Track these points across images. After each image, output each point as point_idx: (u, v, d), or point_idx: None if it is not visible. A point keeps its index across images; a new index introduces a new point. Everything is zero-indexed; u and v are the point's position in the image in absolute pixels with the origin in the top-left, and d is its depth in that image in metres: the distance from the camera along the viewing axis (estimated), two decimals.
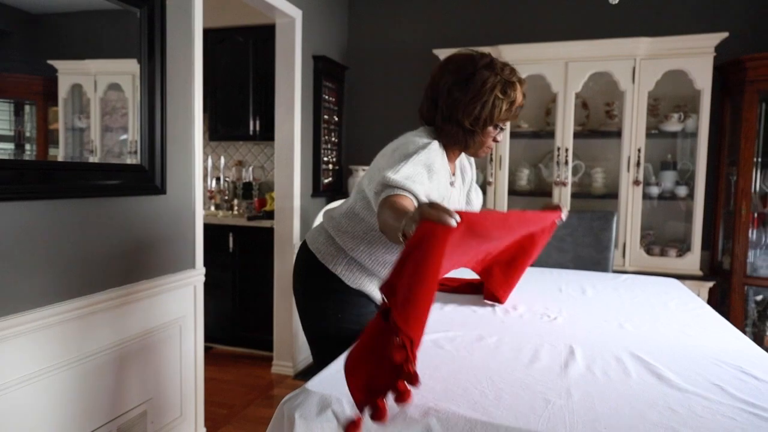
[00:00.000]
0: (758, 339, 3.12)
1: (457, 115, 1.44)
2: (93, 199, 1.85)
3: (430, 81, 1.53)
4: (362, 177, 1.56)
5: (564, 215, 1.73)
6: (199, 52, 2.31)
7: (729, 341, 1.49)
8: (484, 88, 1.40)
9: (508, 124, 1.66)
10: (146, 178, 2.07)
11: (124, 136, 2.06)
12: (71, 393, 1.77)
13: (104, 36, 1.96)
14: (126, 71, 2.05)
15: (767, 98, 2.96)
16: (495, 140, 1.53)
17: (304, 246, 1.67)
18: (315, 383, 1.13)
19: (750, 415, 1.00)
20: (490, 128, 1.47)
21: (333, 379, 1.16)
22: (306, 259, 1.63)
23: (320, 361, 1.58)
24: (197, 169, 2.32)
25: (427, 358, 1.29)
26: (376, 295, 1.58)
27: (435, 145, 1.42)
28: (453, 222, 0.93)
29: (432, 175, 1.37)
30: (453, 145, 1.53)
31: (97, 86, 1.98)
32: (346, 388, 1.09)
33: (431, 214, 0.94)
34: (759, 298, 3.11)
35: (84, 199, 1.81)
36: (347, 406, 1.05)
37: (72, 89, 1.89)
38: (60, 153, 1.84)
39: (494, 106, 1.42)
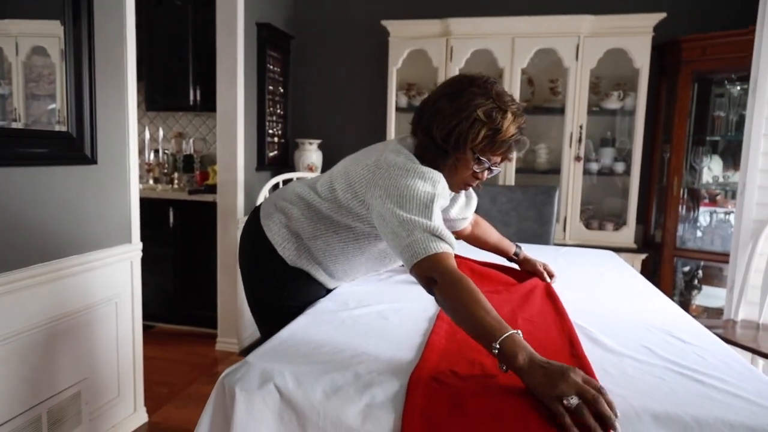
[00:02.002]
0: (685, 306, 3.31)
1: (433, 126, 1.30)
2: (13, 168, 1.71)
3: (427, 96, 1.40)
4: (333, 177, 1.43)
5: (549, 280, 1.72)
6: (131, 13, 2.17)
7: (658, 308, 1.57)
8: (469, 104, 1.26)
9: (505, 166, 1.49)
10: (75, 146, 1.94)
11: (52, 105, 1.91)
12: None
13: None
14: (51, 34, 1.90)
15: (701, 78, 3.10)
16: (476, 176, 1.36)
17: (255, 218, 1.56)
18: (257, 356, 1.10)
19: (677, 375, 1.06)
20: (468, 157, 1.30)
21: (275, 352, 1.13)
22: (255, 232, 1.54)
23: (266, 334, 1.54)
24: (131, 138, 2.20)
25: (371, 329, 1.29)
26: (317, 275, 1.54)
27: (444, 181, 1.30)
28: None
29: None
30: (430, 162, 1.33)
31: (19, 49, 1.82)
32: (289, 360, 1.08)
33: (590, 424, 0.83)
34: (686, 269, 3.30)
35: (3, 168, 1.68)
36: (290, 380, 1.03)
37: None
38: None
39: (472, 126, 1.26)
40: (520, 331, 1.01)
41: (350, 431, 0.97)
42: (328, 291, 1.61)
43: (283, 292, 1.52)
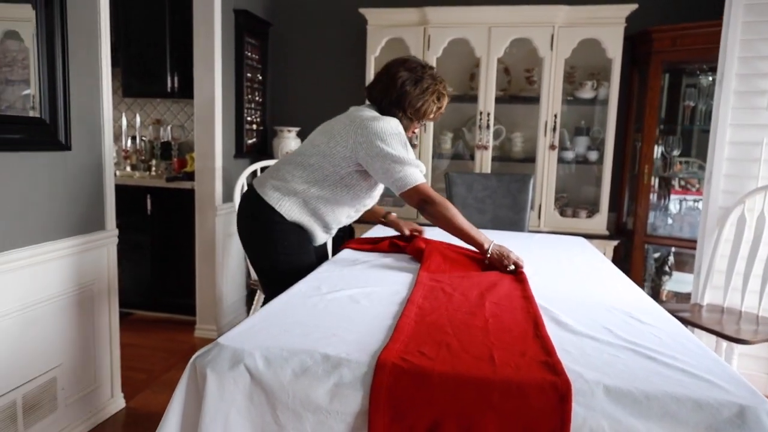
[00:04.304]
0: (656, 291, 3.41)
1: (404, 104, 1.83)
2: None
3: (386, 71, 1.87)
4: (312, 142, 1.87)
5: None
6: None
7: (623, 292, 1.63)
8: (428, 90, 1.83)
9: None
10: (48, 132, 1.93)
11: (27, 91, 1.89)
12: None
13: None
14: (25, 18, 1.87)
15: (671, 69, 3.17)
16: (413, 132, 1.96)
17: (251, 191, 1.90)
18: (228, 338, 1.12)
19: (632, 353, 1.11)
20: (417, 123, 1.90)
21: (247, 334, 1.16)
22: (254, 199, 1.87)
23: (271, 292, 1.80)
24: (106, 124, 2.18)
25: (342, 313, 1.31)
26: (310, 226, 1.89)
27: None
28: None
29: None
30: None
31: None
32: (260, 342, 1.10)
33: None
34: (657, 255, 3.39)
35: None
36: (260, 361, 1.05)
37: None
38: None
39: (429, 106, 1.86)
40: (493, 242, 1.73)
41: (319, 410, 1.00)
42: (316, 250, 1.99)
43: (284, 242, 1.85)
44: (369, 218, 2.23)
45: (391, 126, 1.76)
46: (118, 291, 2.32)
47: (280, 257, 1.85)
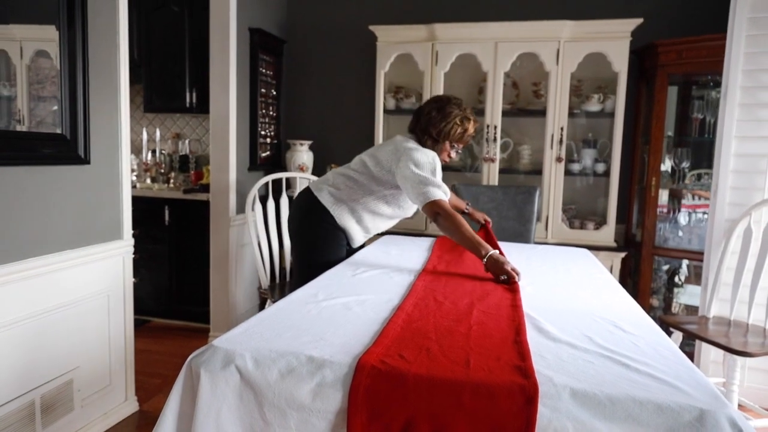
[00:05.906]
0: (667, 304, 3.39)
1: (431, 128, 2.20)
2: (10, 168, 1.82)
3: (420, 109, 2.28)
4: (363, 162, 2.24)
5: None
6: (124, 20, 2.27)
7: (614, 301, 1.66)
8: (451, 115, 2.19)
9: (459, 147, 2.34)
10: (68, 147, 2.05)
11: (56, 107, 2.02)
12: None
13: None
14: (54, 38, 2.00)
15: (680, 81, 3.18)
16: (449, 156, 2.29)
17: (308, 194, 2.30)
18: (222, 340, 1.20)
19: (607, 360, 1.15)
20: (447, 144, 2.23)
21: (240, 336, 1.23)
22: (311, 201, 2.27)
23: (301, 280, 1.96)
24: (124, 139, 2.30)
25: (334, 318, 1.38)
26: (353, 230, 2.28)
27: (437, 156, 2.19)
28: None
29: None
30: (428, 147, 2.23)
31: (23, 53, 1.92)
32: (251, 344, 1.18)
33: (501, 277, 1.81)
34: (666, 267, 3.37)
35: (1, 168, 1.79)
36: (249, 362, 1.13)
37: None
38: None
39: (453, 127, 2.19)
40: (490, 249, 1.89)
41: (302, 408, 1.07)
42: (349, 252, 2.33)
43: (326, 239, 2.25)
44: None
45: (427, 156, 2.11)
46: (133, 298, 2.43)
47: (318, 251, 2.25)
